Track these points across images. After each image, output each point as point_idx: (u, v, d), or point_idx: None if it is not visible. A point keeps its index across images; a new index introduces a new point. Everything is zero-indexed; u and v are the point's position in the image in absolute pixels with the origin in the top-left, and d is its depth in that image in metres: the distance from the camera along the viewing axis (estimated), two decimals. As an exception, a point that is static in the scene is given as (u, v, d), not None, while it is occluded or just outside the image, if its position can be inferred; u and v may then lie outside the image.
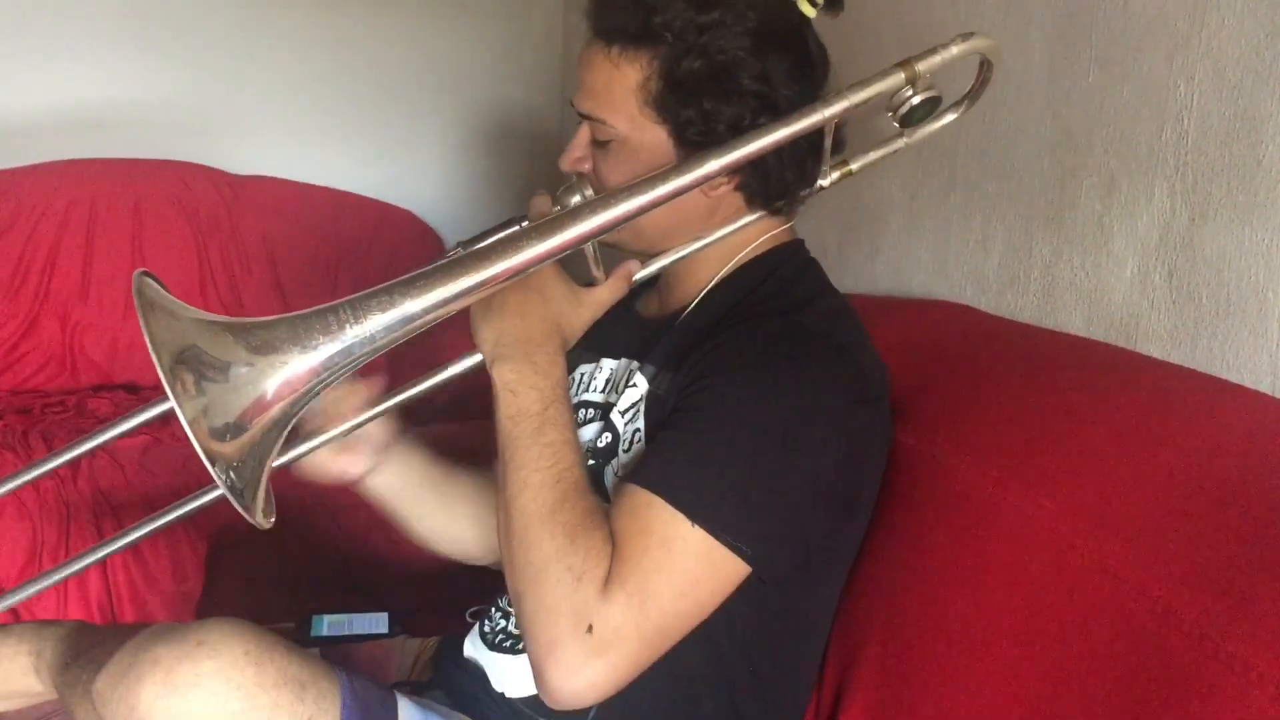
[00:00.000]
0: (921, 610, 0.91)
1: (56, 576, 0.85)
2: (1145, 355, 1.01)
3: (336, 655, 1.11)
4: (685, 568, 0.77)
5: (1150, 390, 0.90)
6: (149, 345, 0.65)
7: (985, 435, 0.94)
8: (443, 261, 0.75)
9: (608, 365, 1.00)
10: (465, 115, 2.75)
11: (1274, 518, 0.69)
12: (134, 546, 1.67)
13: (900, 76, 0.80)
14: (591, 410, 0.99)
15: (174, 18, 2.45)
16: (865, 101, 0.79)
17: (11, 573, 1.67)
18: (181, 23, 2.46)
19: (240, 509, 0.69)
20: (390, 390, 0.90)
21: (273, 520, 0.75)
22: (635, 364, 0.95)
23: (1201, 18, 0.95)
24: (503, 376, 0.83)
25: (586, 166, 0.94)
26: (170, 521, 0.81)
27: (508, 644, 0.98)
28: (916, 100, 0.80)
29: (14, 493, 1.70)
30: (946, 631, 0.87)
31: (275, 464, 0.76)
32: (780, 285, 0.92)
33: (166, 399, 0.65)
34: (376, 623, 1.35)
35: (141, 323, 0.65)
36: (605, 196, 0.76)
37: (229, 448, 0.68)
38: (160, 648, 0.80)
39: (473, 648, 1.02)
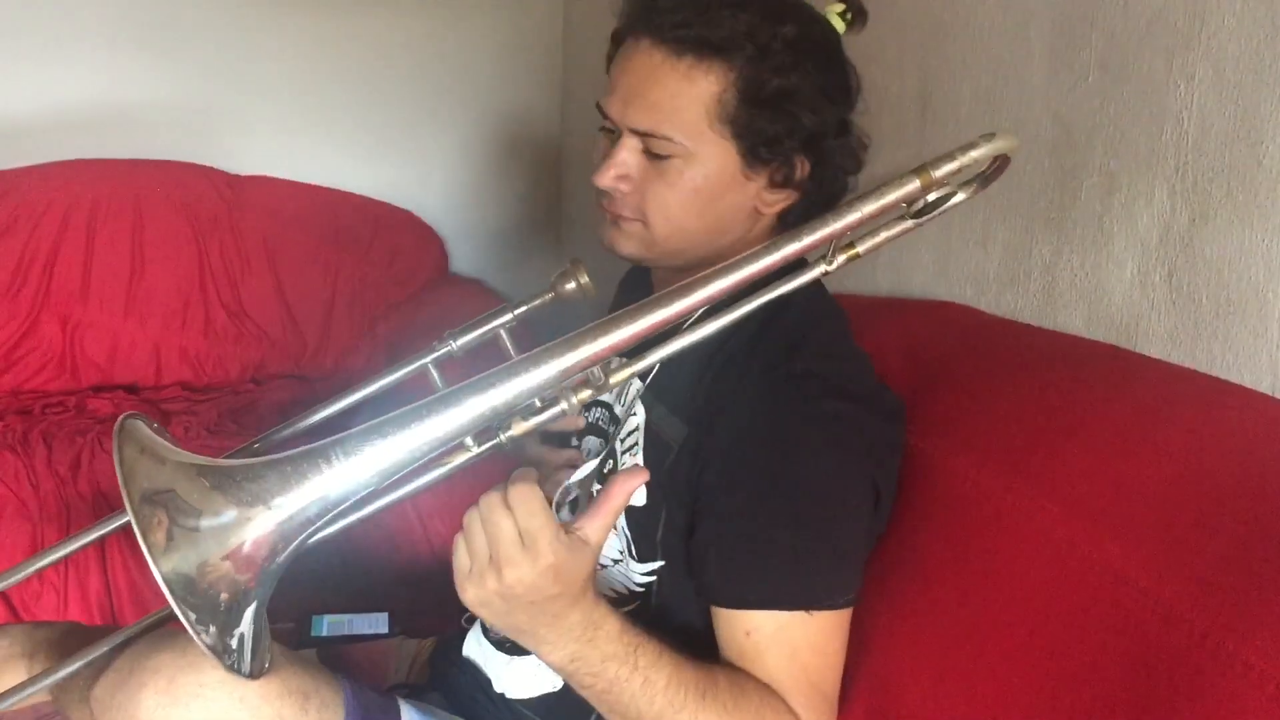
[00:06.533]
0: (922, 610, 0.91)
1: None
2: (1145, 355, 1.01)
3: (335, 656, 1.11)
4: (833, 649, 0.84)
5: (1150, 390, 0.89)
6: (126, 503, 0.63)
7: (985, 436, 0.93)
8: (433, 408, 0.69)
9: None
10: (466, 115, 2.74)
11: (1274, 518, 0.69)
12: (133, 547, 1.67)
13: (916, 184, 0.77)
14: (602, 411, 0.99)
15: (174, 18, 2.44)
16: (880, 211, 0.77)
17: (11, 573, 1.67)
18: (182, 23, 2.45)
19: (206, 646, 0.64)
20: None
21: (266, 668, 0.71)
22: (638, 382, 0.94)
23: (1201, 18, 0.95)
24: (565, 668, 0.76)
25: (627, 188, 0.88)
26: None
27: (510, 645, 0.97)
28: (931, 198, 0.78)
29: (14, 493, 1.71)
30: (947, 631, 0.87)
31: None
32: (776, 308, 0.87)
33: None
34: (376, 623, 1.35)
35: (120, 479, 0.63)
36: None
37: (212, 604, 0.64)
38: (162, 655, 0.80)
39: (474, 647, 1.01)
